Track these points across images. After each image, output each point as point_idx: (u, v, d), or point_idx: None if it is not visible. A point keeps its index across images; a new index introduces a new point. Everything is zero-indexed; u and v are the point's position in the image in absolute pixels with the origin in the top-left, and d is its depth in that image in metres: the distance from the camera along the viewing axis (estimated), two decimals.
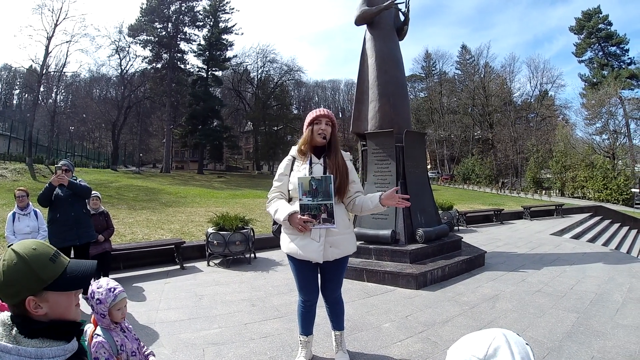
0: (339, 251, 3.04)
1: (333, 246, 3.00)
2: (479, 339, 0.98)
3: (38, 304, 1.20)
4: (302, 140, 3.17)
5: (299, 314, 3.33)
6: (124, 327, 2.31)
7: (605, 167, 34.74)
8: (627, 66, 50.18)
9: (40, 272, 1.20)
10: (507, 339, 0.95)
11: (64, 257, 1.32)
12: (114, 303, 2.19)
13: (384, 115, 7.68)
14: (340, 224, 3.01)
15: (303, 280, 3.21)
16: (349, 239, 3.13)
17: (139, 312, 4.80)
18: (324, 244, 2.96)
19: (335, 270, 3.19)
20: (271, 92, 58.90)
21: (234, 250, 7.44)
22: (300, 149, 3.17)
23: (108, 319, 2.19)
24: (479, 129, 58.94)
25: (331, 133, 3.13)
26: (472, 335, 1.02)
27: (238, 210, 14.52)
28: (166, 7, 49.54)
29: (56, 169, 5.23)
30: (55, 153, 38.99)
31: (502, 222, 15.50)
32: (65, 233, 5.11)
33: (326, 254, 2.98)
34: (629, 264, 7.55)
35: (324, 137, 3.09)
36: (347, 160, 3.19)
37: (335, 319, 3.35)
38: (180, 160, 68.07)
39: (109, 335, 2.18)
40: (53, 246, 1.33)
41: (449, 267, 6.43)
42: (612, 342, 3.79)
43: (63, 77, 43.03)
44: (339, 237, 3.02)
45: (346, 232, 3.09)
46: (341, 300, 3.35)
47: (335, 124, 3.19)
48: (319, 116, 3.12)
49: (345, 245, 3.08)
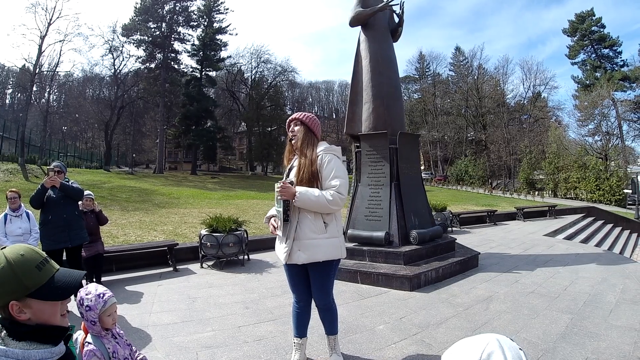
0: (305, 256, 2.99)
1: (301, 250, 3.00)
2: (472, 345, 0.98)
3: (21, 309, 1.20)
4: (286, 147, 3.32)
5: (293, 315, 3.34)
6: (115, 333, 2.27)
7: (598, 168, 34.96)
8: (620, 68, 50.65)
9: (24, 278, 1.19)
10: (501, 344, 0.95)
11: (53, 265, 1.30)
12: (104, 309, 2.15)
13: (377, 117, 7.68)
14: (307, 229, 3.00)
15: (290, 281, 3.28)
16: (320, 245, 3.02)
17: (131, 315, 4.76)
18: (290, 246, 3.00)
19: (316, 276, 3.15)
20: (265, 92, 58.76)
21: (227, 252, 7.41)
22: (286, 156, 3.31)
23: (99, 325, 2.15)
24: (472, 130, 59.15)
25: (304, 131, 3.16)
26: (465, 341, 1.01)
27: (231, 211, 14.46)
28: (160, 6, 49.27)
29: (48, 170, 5.19)
30: (47, 153, 38.73)
31: (495, 223, 15.56)
32: (57, 235, 5.08)
33: (293, 256, 3.01)
34: (622, 264, 7.60)
35: (296, 139, 3.18)
36: (321, 153, 3.12)
37: (328, 324, 3.33)
38: (173, 160, 67.85)
39: (101, 342, 2.14)
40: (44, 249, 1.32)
41: (443, 268, 6.44)
42: (606, 343, 3.81)
43: (56, 77, 42.86)
44: (307, 242, 3.00)
45: (316, 237, 3.02)
46: (332, 308, 3.29)
47: (307, 122, 3.20)
48: (289, 121, 3.24)
49: (314, 250, 2.99)
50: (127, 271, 7.13)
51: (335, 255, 3.11)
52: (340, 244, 3.15)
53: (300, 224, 3.01)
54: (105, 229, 7.06)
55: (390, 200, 7.05)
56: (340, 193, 2.98)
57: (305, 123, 3.18)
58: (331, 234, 3.09)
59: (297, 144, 3.17)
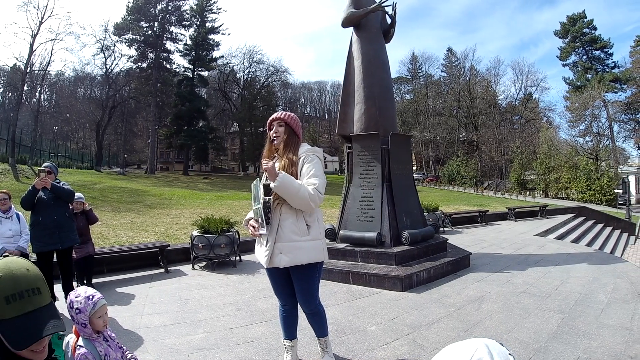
0: (287, 259, 2.89)
1: (283, 253, 2.89)
2: (460, 351, 0.95)
3: None
4: (265, 147, 3.23)
5: (280, 318, 3.32)
6: (107, 335, 2.25)
7: (589, 169, 35.34)
8: (611, 70, 51.15)
9: None
10: (490, 350, 0.93)
11: (34, 302, 1.13)
12: (93, 311, 2.13)
13: (369, 118, 7.68)
14: (288, 230, 2.91)
15: (274, 286, 3.23)
16: (303, 247, 2.92)
17: (123, 317, 4.72)
18: (271, 249, 2.90)
19: (299, 280, 3.07)
20: (257, 93, 58.67)
21: (219, 253, 7.37)
22: (265, 156, 3.14)
23: (90, 328, 2.13)
24: (464, 131, 59.52)
25: (288, 133, 3.12)
26: (453, 346, 0.99)
27: (223, 212, 14.40)
28: (152, 6, 49.12)
29: (39, 171, 5.13)
30: (38, 153, 38.44)
31: (487, 223, 15.64)
32: (47, 237, 5.02)
33: (274, 260, 2.91)
34: (612, 264, 7.65)
35: (278, 140, 3.12)
36: (303, 154, 3.07)
37: (317, 327, 3.29)
38: (165, 161, 67.53)
39: (92, 345, 2.12)
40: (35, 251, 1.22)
41: (435, 268, 6.45)
42: (598, 342, 3.82)
43: (47, 76, 42.47)
44: (289, 245, 2.90)
45: (299, 239, 2.92)
46: (319, 311, 3.23)
47: (291, 123, 3.15)
48: (271, 121, 3.15)
49: (296, 253, 2.90)
50: (118, 273, 7.07)
51: (318, 258, 3.03)
52: (322, 246, 3.07)
53: (281, 226, 2.91)
54: (96, 230, 6.98)
55: (382, 201, 7.05)
56: (319, 191, 2.90)
57: (289, 124, 3.13)
58: (314, 236, 3.00)
59: (280, 146, 3.12)
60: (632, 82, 45.62)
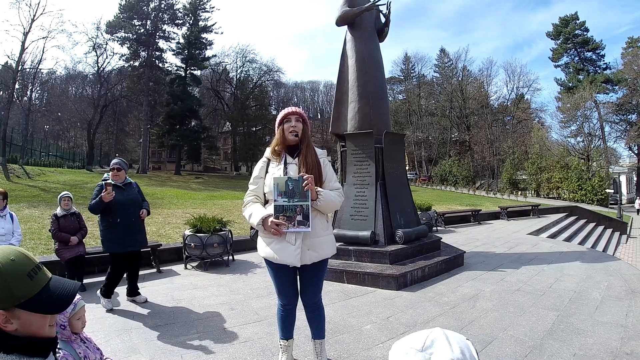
0: (316, 254, 2.91)
1: (311, 249, 2.88)
2: (417, 334, 1.04)
3: (8, 319, 1.10)
4: (275, 140, 3.09)
5: (279, 318, 3.24)
6: (83, 337, 2.19)
7: (580, 169, 35.65)
8: (603, 71, 51.56)
9: (14, 288, 1.09)
10: (445, 333, 1.01)
11: (45, 273, 1.20)
12: (73, 312, 2.06)
13: (363, 116, 7.67)
14: (318, 226, 2.91)
15: (281, 285, 3.11)
16: (327, 242, 3.00)
17: (114, 318, 4.67)
18: (300, 247, 2.84)
19: (314, 274, 3.06)
20: (250, 92, 58.57)
21: (212, 252, 7.32)
22: (274, 150, 3.07)
23: (68, 330, 2.06)
24: (456, 131, 59.73)
25: (303, 130, 3.05)
26: (412, 333, 1.08)
27: (216, 211, 14.34)
28: (145, 4, 48.68)
29: (106, 184, 4.85)
30: (29, 152, 38.11)
31: (479, 222, 15.71)
32: (125, 238, 5.02)
33: (303, 257, 2.86)
34: (605, 262, 7.69)
35: (296, 135, 3.01)
36: (321, 157, 3.09)
37: (315, 326, 3.24)
38: (157, 160, 67.04)
39: (71, 347, 2.05)
40: (110, 251, 1.20)
41: (429, 267, 6.45)
42: (593, 339, 3.83)
43: (38, 74, 42.01)
44: (317, 240, 2.91)
45: (324, 234, 2.98)
46: (321, 306, 3.23)
47: (306, 120, 3.11)
48: (288, 114, 3.05)
49: (323, 248, 2.96)
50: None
51: (335, 250, 3.12)
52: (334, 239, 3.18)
53: (312, 222, 2.88)
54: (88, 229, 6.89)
55: (376, 200, 7.03)
56: (342, 194, 3.05)
57: (306, 122, 3.09)
58: (331, 230, 3.12)
59: (299, 143, 3.04)
60: (624, 83, 45.97)
